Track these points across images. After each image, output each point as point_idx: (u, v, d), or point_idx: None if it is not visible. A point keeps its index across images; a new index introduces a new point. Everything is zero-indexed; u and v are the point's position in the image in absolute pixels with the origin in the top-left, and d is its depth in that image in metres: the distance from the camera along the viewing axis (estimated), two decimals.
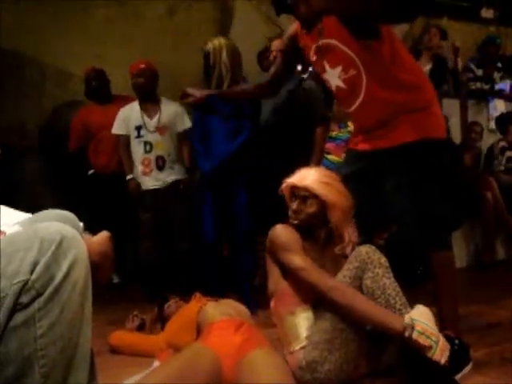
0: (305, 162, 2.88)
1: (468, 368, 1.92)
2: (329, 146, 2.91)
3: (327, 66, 2.03)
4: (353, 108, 2.05)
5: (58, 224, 1.05)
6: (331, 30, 1.94)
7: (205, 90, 2.69)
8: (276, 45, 3.09)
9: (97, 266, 1.13)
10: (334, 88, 2.08)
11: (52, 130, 4.27)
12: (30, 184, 3.97)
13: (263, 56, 3.81)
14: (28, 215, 1.29)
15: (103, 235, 1.26)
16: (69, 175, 4.06)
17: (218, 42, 3.05)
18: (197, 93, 2.61)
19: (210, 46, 3.04)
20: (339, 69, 1.99)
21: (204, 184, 3.10)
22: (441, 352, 1.56)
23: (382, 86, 1.95)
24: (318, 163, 2.87)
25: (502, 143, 4.35)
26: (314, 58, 2.08)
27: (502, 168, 4.31)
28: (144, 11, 4.56)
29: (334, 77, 2.03)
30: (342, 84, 2.02)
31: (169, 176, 3.41)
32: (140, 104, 3.46)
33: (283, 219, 1.92)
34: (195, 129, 3.16)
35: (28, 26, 4.16)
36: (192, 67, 3.15)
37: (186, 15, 4.68)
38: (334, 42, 1.95)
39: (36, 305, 0.94)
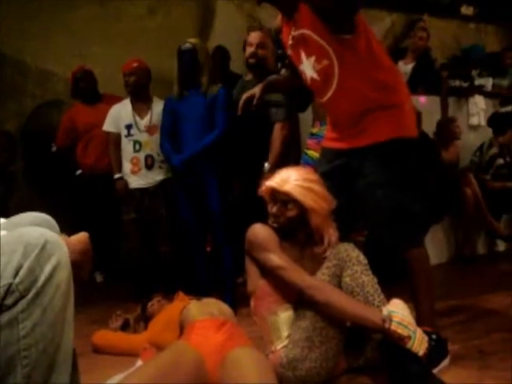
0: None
1: (445, 362, 1.96)
2: (310, 142, 2.92)
3: (303, 56, 2.04)
4: (325, 98, 2.07)
5: (41, 229, 1.07)
6: (305, 20, 1.95)
7: (258, 86, 2.52)
8: (254, 37, 3.09)
9: (77, 264, 1.16)
10: (308, 80, 2.09)
11: (34, 130, 4.24)
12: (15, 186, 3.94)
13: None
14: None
15: (82, 234, 1.28)
16: (54, 176, 4.04)
17: (198, 41, 3.12)
18: (256, 91, 2.48)
19: (192, 45, 3.06)
20: (313, 59, 2.00)
21: (178, 181, 3.12)
22: (419, 343, 1.62)
23: (355, 79, 1.96)
24: (275, 160, 2.86)
25: (493, 151, 4.36)
26: (290, 49, 2.09)
27: (489, 177, 4.34)
28: (125, 10, 4.55)
29: (308, 67, 2.04)
30: (315, 75, 2.03)
31: (157, 175, 3.40)
32: (132, 103, 3.45)
33: (262, 217, 1.93)
34: (164, 122, 3.17)
35: (9, 26, 4.12)
36: (174, 65, 3.14)
37: (167, 13, 4.68)
38: (307, 32, 1.96)
39: (19, 306, 0.97)
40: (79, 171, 3.88)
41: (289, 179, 1.85)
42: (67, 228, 1.36)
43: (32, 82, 4.39)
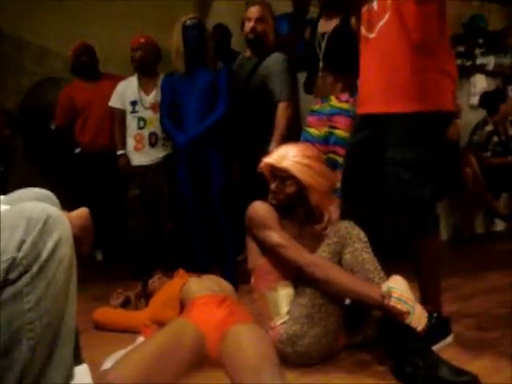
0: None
1: (448, 340, 1.97)
2: (310, 119, 2.89)
3: None
4: (372, 36, 2.01)
5: (43, 204, 1.08)
6: None
7: None
8: (253, 11, 3.04)
9: (78, 239, 1.16)
10: (369, 9, 2.02)
11: (32, 108, 4.22)
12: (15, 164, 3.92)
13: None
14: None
15: (82, 210, 1.28)
16: (53, 154, 4.03)
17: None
18: None
19: (198, 20, 3.05)
20: None
21: (179, 159, 3.10)
22: (418, 318, 1.63)
23: (395, 32, 1.90)
24: (280, 139, 2.81)
25: (489, 128, 4.37)
26: None
27: (489, 154, 4.33)
28: None
29: None
30: (375, 5, 1.98)
31: (161, 153, 3.39)
32: (138, 79, 3.43)
33: (263, 195, 1.93)
34: (164, 100, 3.14)
35: (6, 3, 4.06)
36: (175, 41, 3.09)
37: None
38: None
39: (23, 280, 0.98)
40: (78, 149, 3.86)
41: (287, 155, 1.86)
42: (67, 206, 1.36)
43: (30, 60, 4.34)
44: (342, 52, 2.69)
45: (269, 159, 1.90)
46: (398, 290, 1.64)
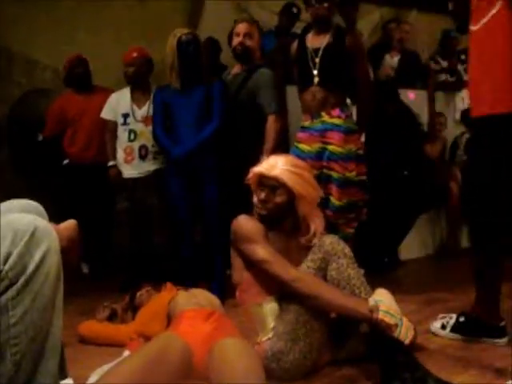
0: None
1: None
2: (301, 135, 2.91)
3: None
4: (475, 28, 1.96)
5: (30, 215, 1.07)
6: None
7: None
8: (241, 27, 3.08)
9: (65, 251, 1.15)
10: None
11: (21, 118, 4.19)
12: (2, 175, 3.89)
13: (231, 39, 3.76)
14: None
15: (70, 221, 1.27)
16: (41, 165, 4.01)
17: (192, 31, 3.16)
18: None
19: (193, 36, 3.08)
20: None
21: (172, 171, 3.10)
22: (405, 331, 1.64)
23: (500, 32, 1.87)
24: (271, 152, 2.77)
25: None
26: None
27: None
28: None
29: None
30: None
31: (151, 166, 3.39)
32: (131, 91, 3.44)
33: (250, 208, 1.93)
34: (157, 114, 3.15)
35: None
36: (163, 55, 3.11)
37: (156, 2, 4.62)
38: None
39: (9, 293, 0.97)
40: (66, 161, 3.84)
41: (277, 165, 1.85)
42: (55, 219, 1.35)
43: (18, 71, 4.33)
44: (337, 67, 2.73)
45: (258, 168, 1.88)
46: (385, 303, 1.65)
